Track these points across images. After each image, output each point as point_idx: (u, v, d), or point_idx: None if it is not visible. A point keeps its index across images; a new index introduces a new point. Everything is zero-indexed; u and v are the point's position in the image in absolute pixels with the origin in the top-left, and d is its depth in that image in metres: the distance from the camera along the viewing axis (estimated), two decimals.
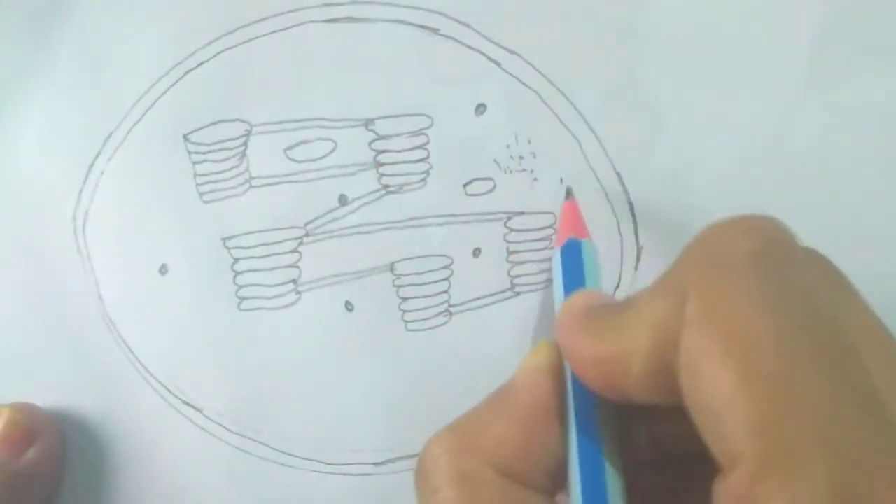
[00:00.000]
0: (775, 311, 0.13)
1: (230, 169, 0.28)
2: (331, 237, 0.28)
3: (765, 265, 0.14)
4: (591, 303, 0.18)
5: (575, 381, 0.18)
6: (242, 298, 0.29)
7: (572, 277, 0.22)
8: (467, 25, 0.26)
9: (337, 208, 0.28)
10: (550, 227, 0.27)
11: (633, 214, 0.26)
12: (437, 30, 0.26)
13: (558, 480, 0.19)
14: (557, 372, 0.19)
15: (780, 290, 0.14)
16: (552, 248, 0.27)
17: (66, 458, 0.30)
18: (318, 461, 0.29)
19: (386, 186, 0.27)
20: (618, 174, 0.26)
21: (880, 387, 0.13)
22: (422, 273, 0.27)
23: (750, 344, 0.13)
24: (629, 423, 0.19)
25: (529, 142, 0.26)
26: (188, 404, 0.29)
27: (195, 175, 0.28)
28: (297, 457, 0.29)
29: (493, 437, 0.18)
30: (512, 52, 0.26)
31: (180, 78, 0.28)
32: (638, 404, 0.16)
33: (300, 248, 0.28)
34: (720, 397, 0.13)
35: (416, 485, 0.19)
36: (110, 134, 0.29)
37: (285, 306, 0.28)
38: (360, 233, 0.28)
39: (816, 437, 0.12)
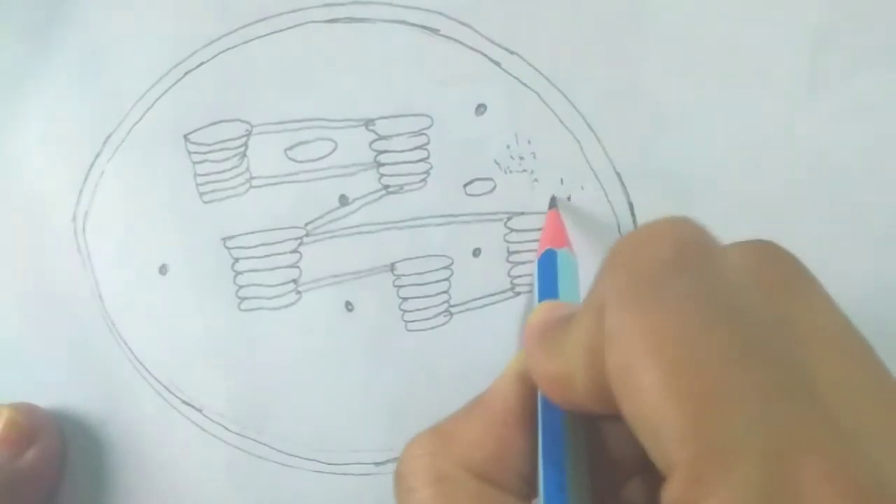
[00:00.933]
0: (691, 316, 0.13)
1: (230, 169, 0.28)
2: (331, 237, 0.28)
3: (677, 270, 0.14)
4: (550, 317, 0.18)
5: None
6: (243, 298, 0.29)
7: (546, 287, 0.23)
8: (467, 25, 0.26)
9: (337, 208, 0.28)
10: None
11: (633, 214, 0.26)
12: (438, 30, 0.26)
13: (533, 484, 0.19)
14: (531, 379, 0.19)
15: (694, 293, 0.14)
16: None
17: (67, 458, 0.30)
18: (318, 461, 0.29)
19: (386, 186, 0.27)
20: (618, 174, 0.26)
21: (821, 378, 0.13)
22: (422, 273, 0.27)
23: (669, 351, 0.13)
24: (610, 431, 0.19)
25: (530, 142, 0.26)
26: (188, 404, 0.29)
27: (195, 175, 0.28)
28: (297, 457, 0.29)
29: (468, 440, 0.19)
30: (512, 53, 0.26)
31: (180, 78, 0.28)
32: (605, 415, 0.17)
33: (300, 249, 0.28)
34: (649, 409, 0.13)
35: (395, 485, 0.19)
36: (110, 134, 0.29)
37: (285, 306, 0.28)
38: (360, 233, 0.28)
39: (743, 435, 0.12)
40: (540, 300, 0.22)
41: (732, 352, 0.13)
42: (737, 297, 0.14)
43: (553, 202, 0.26)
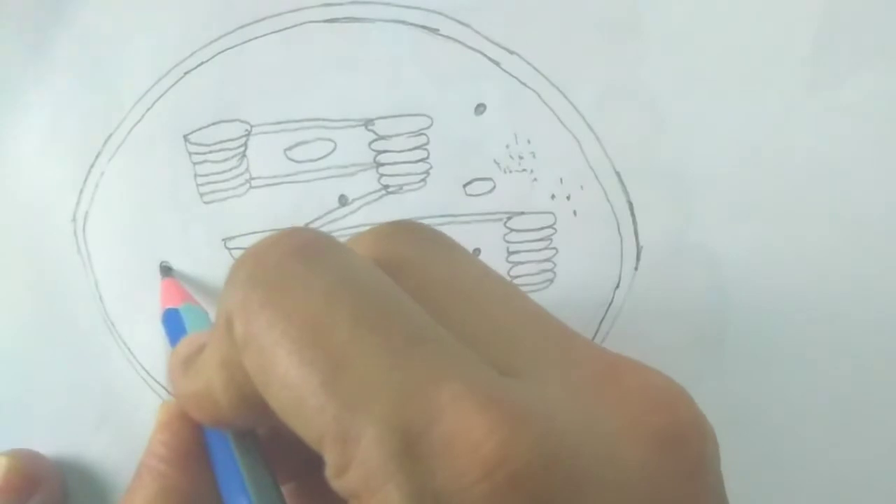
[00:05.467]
0: (315, 294, 0.14)
1: (230, 169, 0.28)
2: None
3: (296, 260, 0.14)
4: (190, 348, 0.18)
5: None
6: None
7: (176, 334, 0.24)
8: (467, 25, 0.26)
9: (337, 208, 0.28)
10: (550, 226, 0.27)
11: (633, 214, 0.26)
12: (437, 30, 0.26)
13: None
14: (179, 422, 0.19)
15: (315, 274, 0.14)
16: (552, 248, 0.27)
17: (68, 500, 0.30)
18: None
19: (386, 187, 0.27)
20: (618, 174, 0.26)
21: (454, 323, 0.14)
22: None
23: (297, 331, 0.13)
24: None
25: (529, 142, 0.26)
26: None
27: (195, 175, 0.28)
28: None
29: None
30: (512, 52, 0.26)
31: (180, 78, 0.28)
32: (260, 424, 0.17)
33: None
34: (290, 392, 0.13)
35: None
36: (110, 134, 0.29)
37: None
38: None
39: (375, 383, 0.12)
40: (172, 344, 0.23)
41: (357, 317, 0.13)
42: (357, 272, 0.14)
43: (166, 272, 0.28)
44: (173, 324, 0.24)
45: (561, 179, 0.26)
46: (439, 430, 0.12)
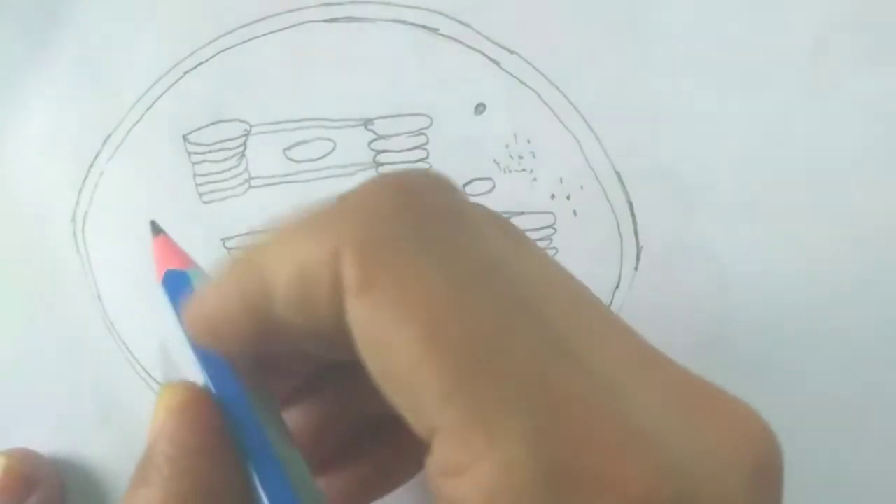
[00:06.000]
0: (449, 275, 0.13)
1: (229, 169, 0.28)
2: None
3: (429, 229, 0.13)
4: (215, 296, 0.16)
5: (218, 377, 0.17)
6: None
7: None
8: (467, 25, 0.26)
9: None
10: (550, 226, 0.27)
11: (633, 214, 0.26)
12: (437, 29, 0.26)
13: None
14: (193, 410, 0.16)
15: (449, 252, 0.13)
16: (552, 248, 0.27)
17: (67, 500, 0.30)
18: None
19: None
20: (618, 174, 0.26)
21: (567, 334, 0.13)
22: None
23: (429, 310, 0.12)
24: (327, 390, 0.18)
25: (529, 141, 0.26)
26: None
27: (195, 175, 0.28)
28: None
29: None
30: (511, 52, 0.26)
31: (180, 78, 0.28)
32: (286, 348, 0.15)
33: None
34: (406, 370, 0.12)
35: None
36: (110, 134, 0.29)
37: None
38: None
39: (511, 393, 0.12)
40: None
41: (495, 313, 0.12)
42: (492, 259, 0.13)
43: (157, 229, 0.23)
44: (178, 287, 0.21)
45: (561, 179, 0.26)
46: (587, 460, 0.11)
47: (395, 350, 0.12)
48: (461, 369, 0.12)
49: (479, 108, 0.26)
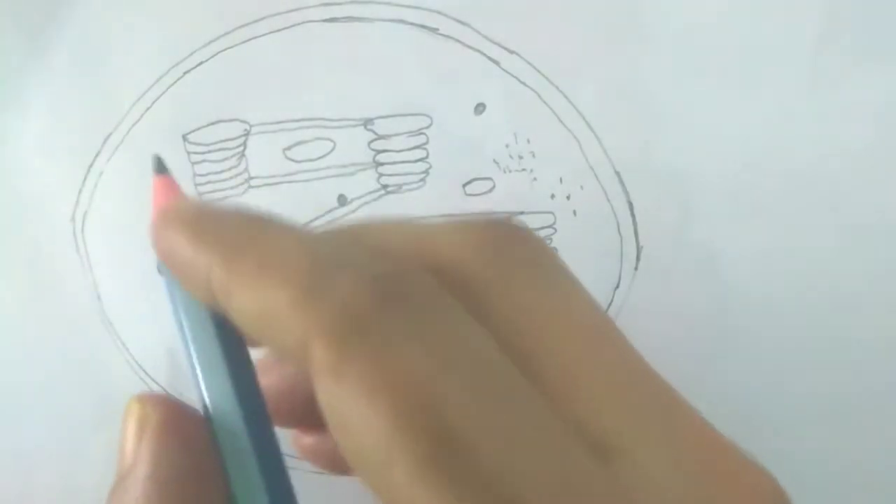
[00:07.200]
0: (428, 359, 0.12)
1: (229, 169, 0.28)
2: None
3: (410, 315, 0.13)
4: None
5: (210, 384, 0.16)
6: None
7: None
8: (467, 25, 0.26)
9: (336, 208, 0.28)
10: (550, 226, 0.27)
11: (633, 214, 0.26)
12: (437, 29, 0.26)
13: None
14: (174, 428, 0.16)
15: (430, 335, 0.12)
16: (552, 248, 0.27)
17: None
18: None
19: (385, 186, 0.27)
20: (617, 173, 0.26)
21: (566, 394, 0.12)
22: None
23: (400, 396, 0.12)
24: None
25: (529, 141, 0.26)
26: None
27: (194, 175, 0.28)
28: (297, 457, 0.29)
29: None
30: (511, 52, 0.26)
31: (179, 78, 0.28)
32: None
33: None
34: (373, 451, 0.12)
35: None
36: (109, 134, 0.29)
37: None
38: None
39: (474, 490, 0.11)
40: None
41: (476, 393, 0.12)
42: (479, 336, 0.13)
43: (160, 166, 0.20)
44: None
45: (561, 179, 0.26)
46: None
47: (363, 433, 0.12)
48: (429, 458, 0.11)
49: (479, 108, 0.26)
